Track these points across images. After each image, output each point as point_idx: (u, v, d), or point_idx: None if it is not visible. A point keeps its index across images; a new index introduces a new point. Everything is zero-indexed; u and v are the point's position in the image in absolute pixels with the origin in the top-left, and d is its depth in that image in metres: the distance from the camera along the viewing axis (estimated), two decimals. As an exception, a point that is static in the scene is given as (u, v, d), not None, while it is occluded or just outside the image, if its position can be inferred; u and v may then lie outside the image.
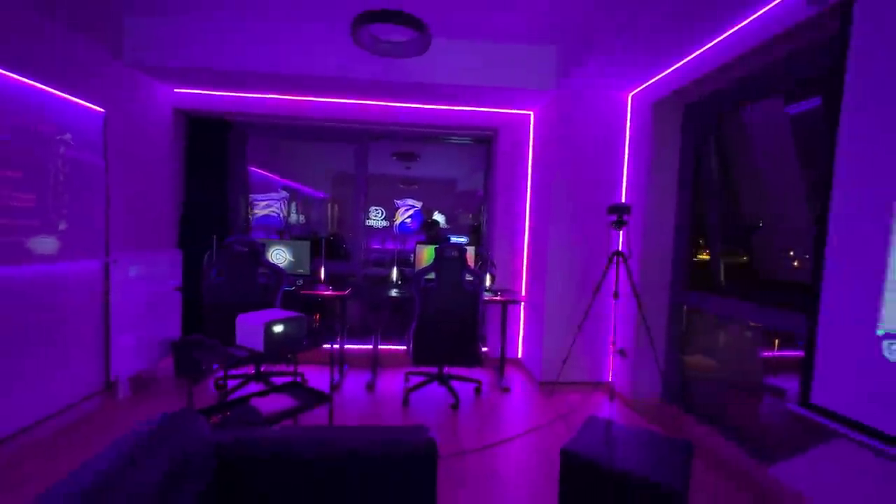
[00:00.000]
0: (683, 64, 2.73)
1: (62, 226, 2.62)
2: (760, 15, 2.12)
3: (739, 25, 2.24)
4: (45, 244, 2.51)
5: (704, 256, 3.12)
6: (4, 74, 2.23)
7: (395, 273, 3.93)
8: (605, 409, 3.18)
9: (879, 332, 1.50)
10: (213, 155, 3.98)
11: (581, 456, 1.64)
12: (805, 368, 1.74)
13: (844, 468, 1.82)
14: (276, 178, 5.96)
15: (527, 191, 4.17)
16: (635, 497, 1.52)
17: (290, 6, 2.98)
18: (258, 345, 1.82)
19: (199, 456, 1.19)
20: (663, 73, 2.94)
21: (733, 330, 2.94)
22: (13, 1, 2.28)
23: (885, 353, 1.47)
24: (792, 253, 2.67)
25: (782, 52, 2.18)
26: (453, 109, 4.04)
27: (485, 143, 4.40)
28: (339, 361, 3.78)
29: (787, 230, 2.70)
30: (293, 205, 6.43)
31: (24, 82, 2.35)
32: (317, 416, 2.65)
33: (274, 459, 1.30)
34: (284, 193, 6.14)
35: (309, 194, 7.05)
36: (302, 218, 6.71)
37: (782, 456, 2.14)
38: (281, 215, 5.93)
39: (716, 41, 2.42)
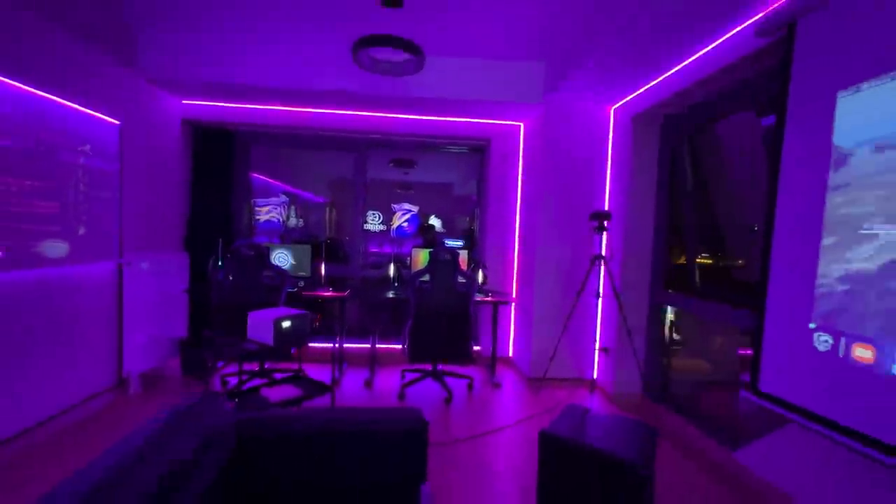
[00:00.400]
0: (660, 81, 2.95)
1: (81, 231, 2.81)
2: (721, 42, 2.35)
3: (705, 49, 2.47)
4: (66, 248, 2.70)
5: (703, 261, 3.28)
6: (32, 92, 2.43)
7: (392, 275, 4.14)
8: (588, 403, 3.39)
9: (812, 326, 1.72)
10: (219, 163, 4.18)
11: (557, 437, 1.85)
12: (754, 359, 1.96)
13: (795, 448, 2.03)
14: (277, 183, 6.16)
15: (517, 197, 4.38)
16: (603, 472, 1.73)
17: (293, 24, 3.19)
18: (268, 339, 2.02)
19: (223, 430, 1.39)
20: (641, 90, 3.17)
21: (717, 329, 3.15)
22: (45, 25, 2.49)
23: (815, 344, 1.69)
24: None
25: (751, 72, 2.38)
26: (448, 120, 4.26)
27: (479, 152, 4.62)
28: (339, 360, 3.97)
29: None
30: (292, 209, 6.64)
31: (51, 98, 2.55)
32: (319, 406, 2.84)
33: (283, 436, 1.50)
34: (284, 198, 6.35)
35: (308, 199, 7.25)
36: (300, 222, 6.92)
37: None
38: (281, 219, 6.13)
39: (687, 62, 2.65)
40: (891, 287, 1.44)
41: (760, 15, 2.02)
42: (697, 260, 3.18)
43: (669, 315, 3.40)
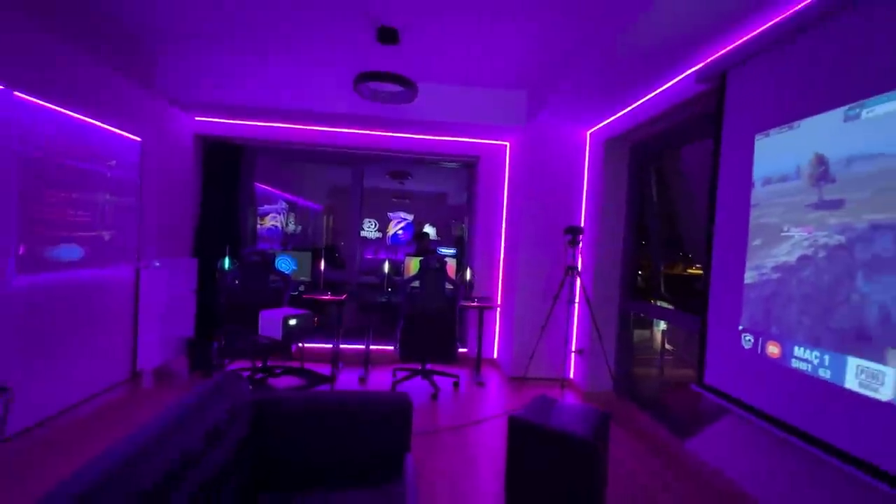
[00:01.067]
0: (626, 112, 3.31)
1: (107, 237, 3.11)
2: (673, 84, 2.71)
3: (661, 89, 2.83)
4: (94, 252, 3.00)
5: (695, 271, 3.48)
6: (72, 115, 2.74)
7: (385, 280, 4.45)
8: (561, 399, 3.70)
9: (740, 327, 2.05)
10: (227, 174, 4.49)
11: (524, 420, 2.16)
12: (700, 356, 2.29)
13: (731, 434, 2.35)
14: (277, 191, 6.47)
15: (503, 210, 4.73)
16: (560, 446, 2.03)
17: (299, 53, 3.53)
18: (277, 334, 2.32)
19: (244, 405, 1.70)
20: (612, 118, 3.52)
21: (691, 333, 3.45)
22: (82, 58, 2.81)
23: (742, 343, 2.02)
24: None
25: (700, 108, 2.71)
26: (441, 139, 4.61)
27: (469, 167, 4.97)
28: (336, 359, 4.25)
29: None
30: (291, 216, 6.95)
31: (85, 120, 2.86)
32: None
33: (292, 413, 1.80)
34: (284, 205, 6.66)
35: (306, 206, 7.56)
36: (298, 228, 7.22)
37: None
38: (281, 226, 6.44)
39: (647, 98, 3.01)
40: (790, 295, 1.78)
41: (700, 65, 2.38)
42: (689, 271, 3.49)
43: (662, 325, 3.72)
